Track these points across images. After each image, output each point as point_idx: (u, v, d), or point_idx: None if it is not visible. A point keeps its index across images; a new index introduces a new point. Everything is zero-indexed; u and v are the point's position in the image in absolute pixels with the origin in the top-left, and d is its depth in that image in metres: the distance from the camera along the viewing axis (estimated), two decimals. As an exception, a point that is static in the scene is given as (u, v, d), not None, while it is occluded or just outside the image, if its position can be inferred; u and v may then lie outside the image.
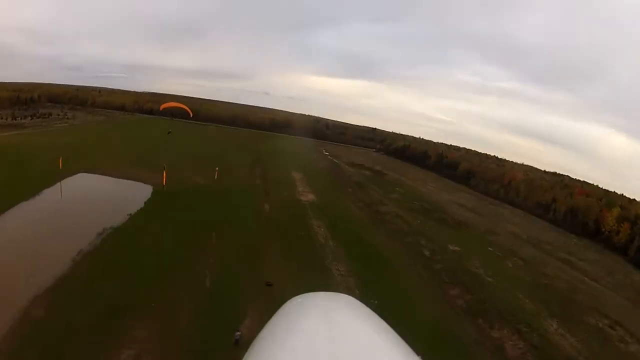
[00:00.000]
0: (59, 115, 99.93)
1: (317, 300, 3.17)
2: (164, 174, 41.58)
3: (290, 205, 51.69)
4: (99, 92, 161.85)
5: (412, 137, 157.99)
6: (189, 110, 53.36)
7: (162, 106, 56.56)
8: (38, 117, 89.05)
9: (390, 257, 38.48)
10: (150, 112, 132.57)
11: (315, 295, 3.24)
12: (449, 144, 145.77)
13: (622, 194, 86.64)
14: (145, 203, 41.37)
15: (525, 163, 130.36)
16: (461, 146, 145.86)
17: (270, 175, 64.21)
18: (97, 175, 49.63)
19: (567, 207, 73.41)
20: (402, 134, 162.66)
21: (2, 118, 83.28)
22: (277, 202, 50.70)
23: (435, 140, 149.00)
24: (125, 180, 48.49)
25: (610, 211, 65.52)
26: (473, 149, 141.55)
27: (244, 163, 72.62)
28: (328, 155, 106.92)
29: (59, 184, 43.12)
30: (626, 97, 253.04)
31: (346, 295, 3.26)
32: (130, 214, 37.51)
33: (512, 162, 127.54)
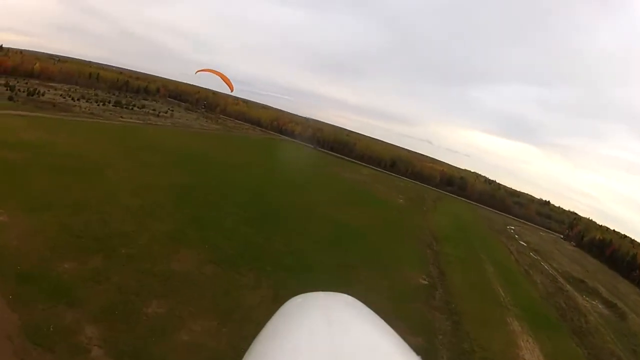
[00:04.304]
0: (154, 110, 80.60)
1: (317, 300, 3.08)
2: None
3: None
4: (236, 102, 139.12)
5: (587, 219, 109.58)
6: (231, 85, 47.98)
7: (197, 71, 49.74)
8: (125, 107, 72.69)
9: None
10: (290, 133, 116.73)
11: (315, 295, 3.13)
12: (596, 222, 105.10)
13: None
14: None
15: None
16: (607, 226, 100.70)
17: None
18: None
19: None
20: (573, 212, 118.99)
21: (74, 99, 64.44)
22: None
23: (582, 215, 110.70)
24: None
25: None
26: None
27: (410, 280, 26.25)
28: (526, 247, 61.81)
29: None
30: None
31: (346, 295, 3.13)
32: None
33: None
